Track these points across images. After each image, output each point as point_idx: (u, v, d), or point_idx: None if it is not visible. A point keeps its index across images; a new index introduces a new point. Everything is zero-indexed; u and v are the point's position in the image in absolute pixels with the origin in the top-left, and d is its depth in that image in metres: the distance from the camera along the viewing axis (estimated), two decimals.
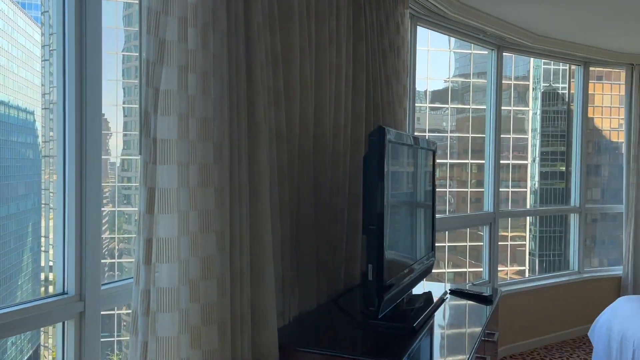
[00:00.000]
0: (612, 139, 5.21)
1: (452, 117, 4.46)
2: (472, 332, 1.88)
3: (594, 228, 5.12)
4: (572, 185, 4.91)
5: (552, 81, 5.04)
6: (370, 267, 1.65)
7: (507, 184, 4.58)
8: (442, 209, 4.27)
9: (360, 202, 2.40)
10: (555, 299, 4.54)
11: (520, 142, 4.83)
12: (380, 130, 1.65)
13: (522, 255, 5.07)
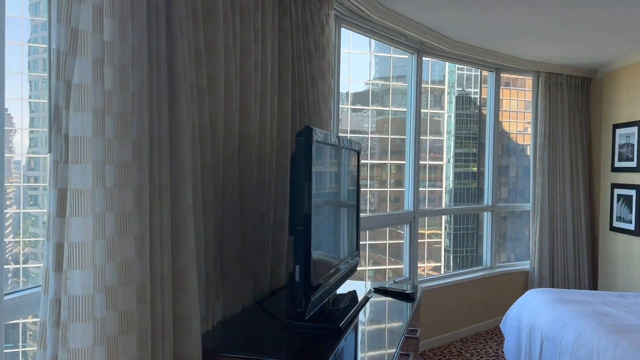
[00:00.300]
0: (518, 141, 5.53)
1: (372, 118, 4.55)
2: (397, 329, 1.92)
3: (503, 225, 5.42)
4: (485, 185, 5.17)
5: (465, 86, 5.28)
6: (298, 268, 1.63)
7: (424, 184, 4.75)
8: (363, 208, 4.34)
9: (286, 202, 2.38)
10: (469, 293, 4.76)
11: (437, 143, 5.02)
12: (308, 130, 1.63)
13: (438, 252, 5.27)
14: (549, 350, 3.01)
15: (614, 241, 4.99)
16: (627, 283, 4.76)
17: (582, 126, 5.27)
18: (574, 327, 2.87)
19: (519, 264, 5.37)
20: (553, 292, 3.51)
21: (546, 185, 5.13)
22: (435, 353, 4.28)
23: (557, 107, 5.18)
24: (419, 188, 4.36)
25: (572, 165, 5.21)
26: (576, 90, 5.27)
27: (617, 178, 4.97)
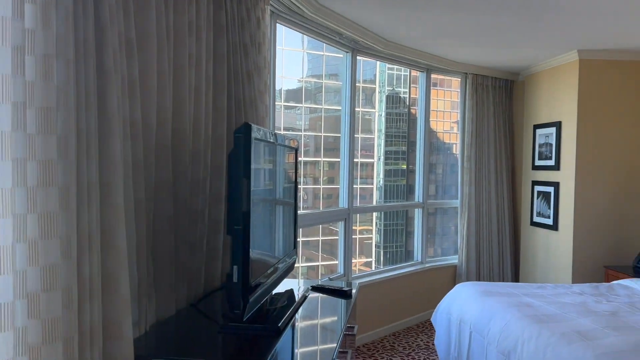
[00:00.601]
0: (444, 140, 5.73)
1: (305, 116, 4.55)
2: (335, 327, 1.92)
3: (431, 221, 5.59)
4: (415, 182, 5.31)
5: (395, 85, 5.39)
6: (235, 269, 1.59)
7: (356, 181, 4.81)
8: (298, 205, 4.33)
9: (221, 200, 2.32)
10: (401, 288, 4.88)
11: (368, 141, 5.09)
12: (246, 127, 1.59)
13: (369, 248, 5.36)
14: (477, 342, 3.14)
15: (534, 235, 5.28)
16: (545, 274, 5.05)
17: (505, 126, 5.53)
18: (500, 319, 3.00)
19: (447, 258, 5.57)
20: (480, 285, 3.66)
21: (473, 183, 5.35)
22: (369, 348, 4.35)
23: (483, 108, 5.41)
24: (353, 185, 4.41)
25: (496, 164, 5.46)
26: (500, 92, 5.52)
27: (537, 176, 5.26)
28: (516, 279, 5.59)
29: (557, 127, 4.90)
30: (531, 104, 5.41)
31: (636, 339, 2.49)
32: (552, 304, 3.14)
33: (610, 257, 4.71)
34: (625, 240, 4.74)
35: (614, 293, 3.55)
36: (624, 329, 2.66)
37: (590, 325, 2.71)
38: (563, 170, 4.83)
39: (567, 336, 2.57)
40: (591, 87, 4.66)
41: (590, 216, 4.68)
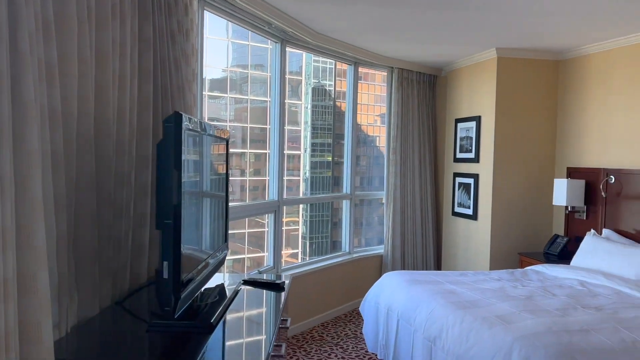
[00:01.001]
0: (369, 132, 5.84)
1: (230, 106, 4.46)
2: (269, 321, 1.90)
3: (357, 212, 5.69)
4: (343, 174, 5.38)
5: (320, 78, 5.42)
6: (166, 264, 1.53)
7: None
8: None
9: (148, 193, 2.22)
10: (329, 279, 4.94)
11: (294, 133, 5.09)
12: (177, 116, 1.53)
13: (296, 239, 5.37)
14: (404, 329, 3.23)
15: (455, 225, 5.52)
16: (466, 262, 5.30)
17: (429, 120, 5.72)
18: (426, 306, 3.11)
19: (373, 248, 5.69)
20: (407, 274, 3.77)
21: (399, 175, 5.49)
22: (298, 339, 4.37)
23: (408, 102, 5.56)
24: (284, 177, 4.39)
25: (420, 156, 5.64)
26: (424, 87, 5.70)
27: (458, 168, 5.49)
28: (438, 266, 5.83)
29: (477, 121, 5.13)
30: (453, 98, 5.63)
31: (549, 321, 2.66)
32: (474, 291, 3.29)
33: (523, 244, 5.02)
34: (537, 228, 5.06)
35: (528, 278, 3.78)
36: (538, 312, 2.84)
37: (508, 310, 2.87)
38: (482, 163, 5.08)
39: (488, 320, 2.70)
40: (508, 83, 4.91)
41: (507, 206, 4.96)
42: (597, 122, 4.59)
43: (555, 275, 3.87)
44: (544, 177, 5.06)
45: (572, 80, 4.88)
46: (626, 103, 4.30)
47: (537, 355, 2.30)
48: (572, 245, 4.68)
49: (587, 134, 4.70)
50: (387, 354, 3.48)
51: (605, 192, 4.39)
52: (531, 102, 4.98)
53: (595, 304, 3.06)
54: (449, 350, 2.72)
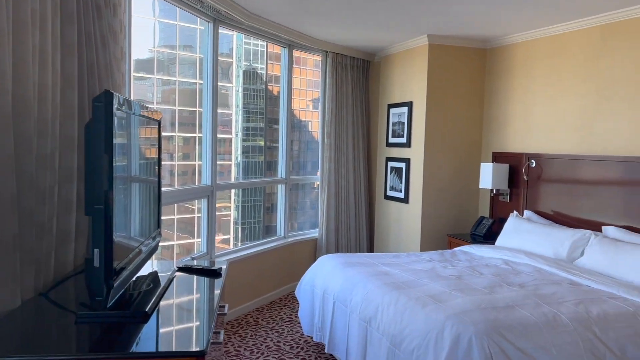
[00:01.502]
0: (301, 117, 5.83)
1: (158, 88, 4.29)
2: (207, 308, 1.85)
3: (291, 197, 5.68)
4: (278, 158, 5.34)
5: (252, 61, 5.32)
6: (97, 252, 1.44)
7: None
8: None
9: (73, 177, 2.09)
10: (264, 263, 4.91)
11: (225, 117, 4.98)
12: (107, 95, 1.43)
13: (227, 225, 5.29)
14: (340, 311, 3.27)
15: (387, 208, 5.64)
16: (397, 244, 5.44)
17: (362, 105, 5.78)
18: (362, 288, 3.15)
19: (307, 232, 5.72)
20: (342, 257, 3.81)
21: (333, 159, 5.52)
22: (233, 325, 4.32)
23: (342, 86, 5.58)
24: (217, 162, 4.29)
25: (354, 141, 5.70)
26: (358, 71, 5.74)
27: (390, 152, 5.60)
28: (371, 249, 5.95)
29: (408, 107, 5.24)
30: (386, 84, 5.71)
31: (478, 299, 2.78)
32: (407, 272, 3.38)
33: (452, 226, 5.21)
34: (465, 211, 5.27)
35: (457, 258, 3.93)
36: (467, 290, 2.96)
37: (440, 289, 2.97)
38: (413, 148, 5.20)
39: (421, 300, 2.78)
40: (439, 70, 5.04)
41: (436, 190, 5.12)
42: (520, 109, 4.82)
43: (482, 255, 4.05)
44: (472, 161, 5.27)
45: (498, 68, 5.08)
46: (546, 92, 4.54)
47: (468, 332, 2.40)
48: (496, 227, 4.92)
49: (511, 120, 4.93)
50: (323, 336, 3.51)
51: (527, 175, 4.63)
52: (460, 89, 5.15)
53: (519, 281, 3.23)
54: (385, 330, 2.78)
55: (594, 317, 2.66)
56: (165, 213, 4.43)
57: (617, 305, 2.80)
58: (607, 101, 3.99)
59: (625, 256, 3.32)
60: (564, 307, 2.74)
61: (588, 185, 4.05)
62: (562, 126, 4.39)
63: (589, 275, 3.30)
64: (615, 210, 3.83)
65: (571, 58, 4.30)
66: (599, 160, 3.97)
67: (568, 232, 3.88)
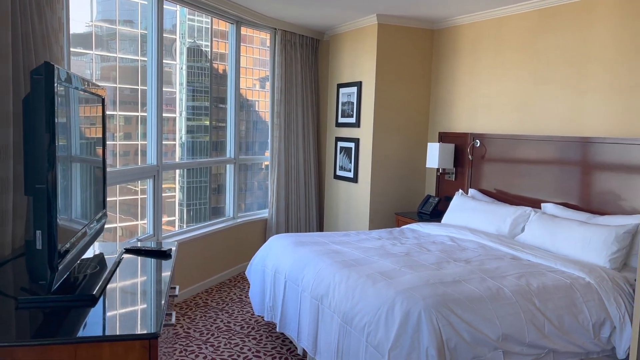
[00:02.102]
0: (247, 97, 5.75)
1: (97, 64, 4.10)
2: (158, 290, 1.80)
3: (241, 177, 5.61)
4: (226, 138, 5.25)
5: (196, 37, 5.18)
6: (39, 234, 1.37)
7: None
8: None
9: (9, 155, 1.97)
10: (214, 245, 4.85)
11: (169, 95, 4.83)
12: (48, 67, 1.34)
13: (172, 206, 5.19)
14: (292, 290, 3.28)
15: (337, 188, 5.68)
16: (347, 223, 5.50)
17: (312, 84, 5.75)
18: (313, 267, 3.17)
19: (257, 213, 5.68)
20: (293, 236, 3.81)
21: (283, 139, 5.48)
22: (182, 307, 4.26)
23: (291, 65, 5.52)
24: (162, 141, 4.16)
25: (304, 120, 5.67)
26: (308, 50, 5.69)
27: (339, 132, 5.62)
28: (321, 228, 5.99)
29: (358, 86, 5.26)
30: (335, 63, 5.70)
31: (426, 275, 2.86)
32: (357, 250, 3.42)
33: (400, 204, 5.32)
34: (412, 190, 5.38)
35: (405, 236, 4.02)
36: (416, 266, 3.03)
37: (390, 266, 3.03)
38: (363, 128, 5.24)
39: (372, 277, 2.83)
40: (388, 50, 5.07)
41: (385, 169, 5.19)
42: (466, 90, 4.94)
43: (429, 232, 4.16)
44: (419, 141, 5.37)
45: (445, 49, 5.17)
46: (490, 73, 4.66)
47: (417, 307, 2.46)
48: (442, 205, 5.05)
49: (457, 101, 5.04)
50: (274, 316, 3.52)
51: (471, 155, 4.77)
52: (409, 69, 5.21)
53: (464, 257, 3.34)
54: (336, 308, 2.81)
55: (534, 289, 2.79)
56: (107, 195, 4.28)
57: (555, 278, 2.95)
58: (544, 83, 4.15)
59: (562, 231, 3.49)
60: (507, 280, 2.85)
61: (528, 165, 4.22)
62: (504, 107, 4.53)
63: (529, 250, 3.45)
64: (553, 188, 4.01)
65: (513, 41, 4.43)
66: (537, 140, 4.13)
67: (510, 210, 4.04)
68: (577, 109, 3.91)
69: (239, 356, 3.39)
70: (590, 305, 2.82)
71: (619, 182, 3.54)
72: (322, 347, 2.92)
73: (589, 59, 3.83)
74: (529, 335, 2.58)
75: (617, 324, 2.82)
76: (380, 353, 2.45)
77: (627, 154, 3.48)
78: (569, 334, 2.71)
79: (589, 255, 3.26)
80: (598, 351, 2.81)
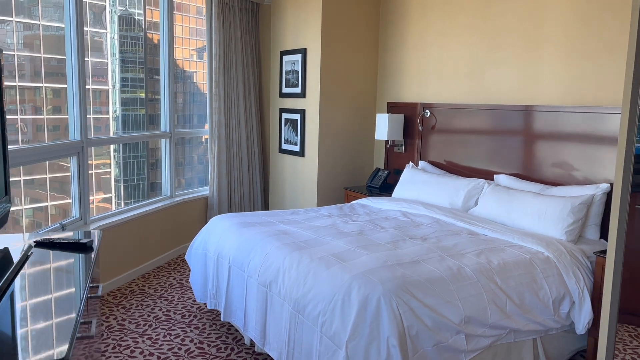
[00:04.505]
0: (184, 68, 5.34)
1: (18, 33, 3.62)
2: (72, 293, 1.48)
3: (178, 152, 5.23)
4: (161, 111, 4.83)
5: (128, 5, 4.72)
6: None
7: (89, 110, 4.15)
8: (14, 139, 3.50)
9: None
10: (149, 226, 4.48)
11: (100, 66, 4.39)
12: None
13: (108, 183, 4.78)
14: (237, 275, 3.01)
15: (282, 162, 5.39)
16: (294, 199, 5.24)
17: (253, 51, 5.37)
18: (260, 250, 2.90)
19: (197, 190, 5.32)
20: (237, 216, 3.52)
21: (222, 110, 5.12)
22: (115, 296, 3.90)
23: (230, 31, 5.12)
24: (86, 115, 3.72)
25: (245, 90, 5.31)
26: (247, 15, 5.30)
27: (284, 103, 5.31)
28: (266, 206, 5.71)
29: (302, 54, 4.94)
30: (277, 29, 5.35)
31: (383, 256, 2.66)
32: (307, 229, 3.18)
33: (348, 179, 5.11)
34: (360, 163, 5.18)
35: (356, 212, 3.82)
36: (371, 246, 2.83)
37: (343, 247, 2.81)
38: (308, 98, 4.95)
39: (325, 260, 2.60)
40: (333, 15, 4.78)
41: (333, 142, 4.95)
42: (415, 58, 4.74)
43: (380, 207, 3.98)
44: (367, 112, 5.15)
45: (393, 14, 4.93)
46: (440, 40, 4.47)
47: (376, 291, 2.26)
48: (392, 178, 4.89)
49: (406, 69, 4.83)
50: (218, 303, 3.24)
51: (421, 126, 4.60)
52: (356, 35, 4.94)
53: (420, 234, 3.17)
54: (286, 295, 2.57)
55: (495, 267, 2.65)
56: (34, 172, 3.84)
57: (514, 254, 2.83)
58: (496, 50, 4.00)
59: (517, 203, 3.39)
60: (467, 258, 2.70)
61: (479, 135, 4.09)
62: (454, 75, 4.37)
63: (485, 224, 3.33)
64: (505, 159, 3.91)
65: (464, 5, 4.24)
66: (489, 110, 4.01)
67: (462, 182, 3.91)
68: (530, 76, 3.79)
69: (179, 349, 3.10)
70: (550, 281, 2.72)
71: (572, 152, 3.46)
72: (271, 338, 2.68)
73: (544, 24, 3.70)
74: (491, 316, 2.44)
75: (576, 299, 2.74)
76: (337, 344, 2.24)
77: (582, 123, 3.40)
78: (530, 311, 2.60)
79: (545, 228, 3.17)
80: (557, 327, 2.72)
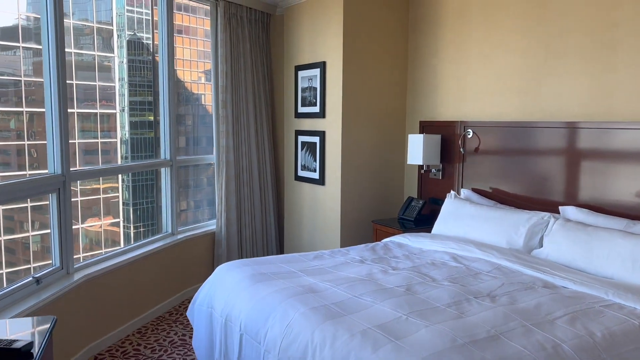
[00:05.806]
0: (193, 90, 4.81)
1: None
2: None
3: (183, 178, 4.63)
4: (162, 137, 4.27)
5: (136, 30, 4.39)
6: None
7: (96, 135, 3.96)
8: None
9: None
10: (148, 270, 3.83)
11: (108, 90, 4.13)
12: None
13: (117, 206, 4.36)
14: (251, 347, 2.33)
15: (299, 191, 4.74)
16: (312, 233, 4.57)
17: (264, 67, 4.77)
18: (280, 317, 2.23)
19: (202, 225, 4.68)
20: (247, 264, 2.85)
21: (231, 134, 4.50)
22: (104, 357, 3.23)
23: (238, 44, 4.53)
24: (68, 142, 3.11)
25: (256, 111, 4.70)
26: (257, 26, 4.71)
27: (300, 124, 4.68)
28: (281, 241, 5.04)
29: (321, 68, 4.32)
30: (292, 41, 4.75)
31: (448, 328, 1.98)
32: (339, 285, 2.50)
33: (376, 210, 4.44)
34: (389, 192, 4.52)
35: (393, 255, 3.14)
36: (428, 312, 2.15)
37: (390, 313, 2.13)
38: (328, 118, 4.32)
39: (370, 336, 1.92)
40: (356, 23, 4.16)
41: (357, 167, 4.30)
42: (451, 70, 4.10)
43: (421, 247, 3.31)
44: (396, 133, 4.51)
45: (424, 21, 4.31)
46: (483, 48, 3.83)
47: None
48: (427, 208, 4.22)
49: (442, 83, 4.19)
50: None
51: (462, 148, 3.94)
52: (381, 46, 4.32)
53: (485, 288, 2.48)
54: None
55: (599, 340, 1.96)
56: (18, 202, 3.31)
57: (618, 319, 2.14)
58: (557, 57, 3.35)
59: (598, 244, 2.70)
60: (560, 330, 2.01)
61: (535, 157, 3.42)
62: (501, 88, 3.72)
63: (561, 273, 2.64)
64: (571, 187, 3.23)
65: (512, 6, 3.61)
66: (547, 128, 3.34)
67: (522, 216, 3.23)
68: (602, 87, 3.13)
69: None
70: None
71: None
72: None
73: (619, 21, 3.04)
74: None
75: None
76: None
77: None
78: None
79: None
80: None
